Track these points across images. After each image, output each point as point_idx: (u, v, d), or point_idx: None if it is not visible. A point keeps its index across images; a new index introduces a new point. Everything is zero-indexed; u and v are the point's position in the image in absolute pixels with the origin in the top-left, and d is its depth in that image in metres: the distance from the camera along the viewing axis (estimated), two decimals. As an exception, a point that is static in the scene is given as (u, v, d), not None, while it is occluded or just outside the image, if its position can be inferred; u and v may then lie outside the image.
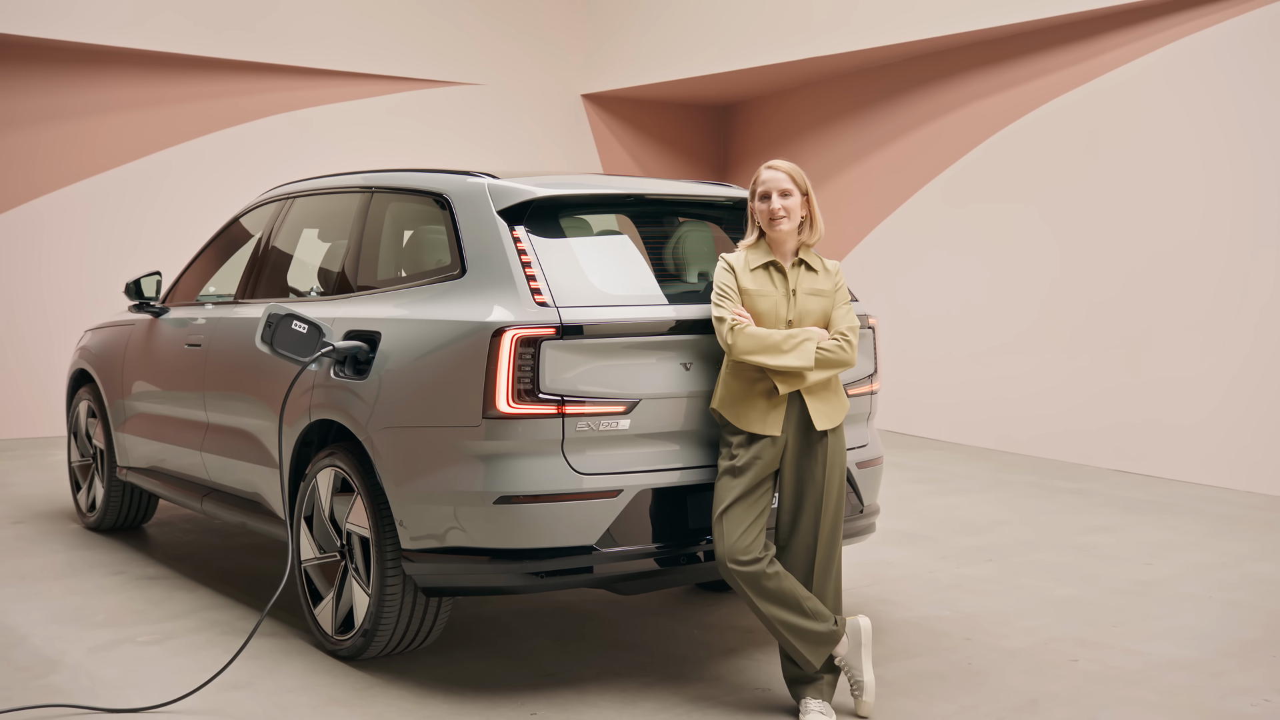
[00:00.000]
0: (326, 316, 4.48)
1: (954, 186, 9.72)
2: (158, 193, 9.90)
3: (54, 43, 9.21)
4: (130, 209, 9.83)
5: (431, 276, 4.21)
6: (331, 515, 4.35)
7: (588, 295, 3.91)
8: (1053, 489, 7.64)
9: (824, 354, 3.79)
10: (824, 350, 3.80)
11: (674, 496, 3.95)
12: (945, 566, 5.66)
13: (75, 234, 9.66)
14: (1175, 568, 5.64)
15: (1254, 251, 7.63)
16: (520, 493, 3.76)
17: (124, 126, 9.80)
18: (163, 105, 9.92)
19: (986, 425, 9.38)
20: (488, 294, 3.91)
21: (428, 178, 4.44)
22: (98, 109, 9.69)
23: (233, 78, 10.16)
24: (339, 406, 4.27)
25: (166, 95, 9.93)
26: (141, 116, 9.86)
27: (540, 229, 4.04)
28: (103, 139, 9.71)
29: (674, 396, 3.93)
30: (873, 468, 4.50)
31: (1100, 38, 8.58)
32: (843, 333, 3.86)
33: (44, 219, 9.57)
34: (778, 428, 3.82)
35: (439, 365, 3.94)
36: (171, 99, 9.94)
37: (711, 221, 4.62)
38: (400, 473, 3.99)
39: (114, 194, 9.78)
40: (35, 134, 9.49)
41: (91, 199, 9.71)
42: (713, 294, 3.89)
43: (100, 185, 9.74)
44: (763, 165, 3.95)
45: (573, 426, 3.78)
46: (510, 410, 3.73)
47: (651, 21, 11.27)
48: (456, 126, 11.11)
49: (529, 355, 3.74)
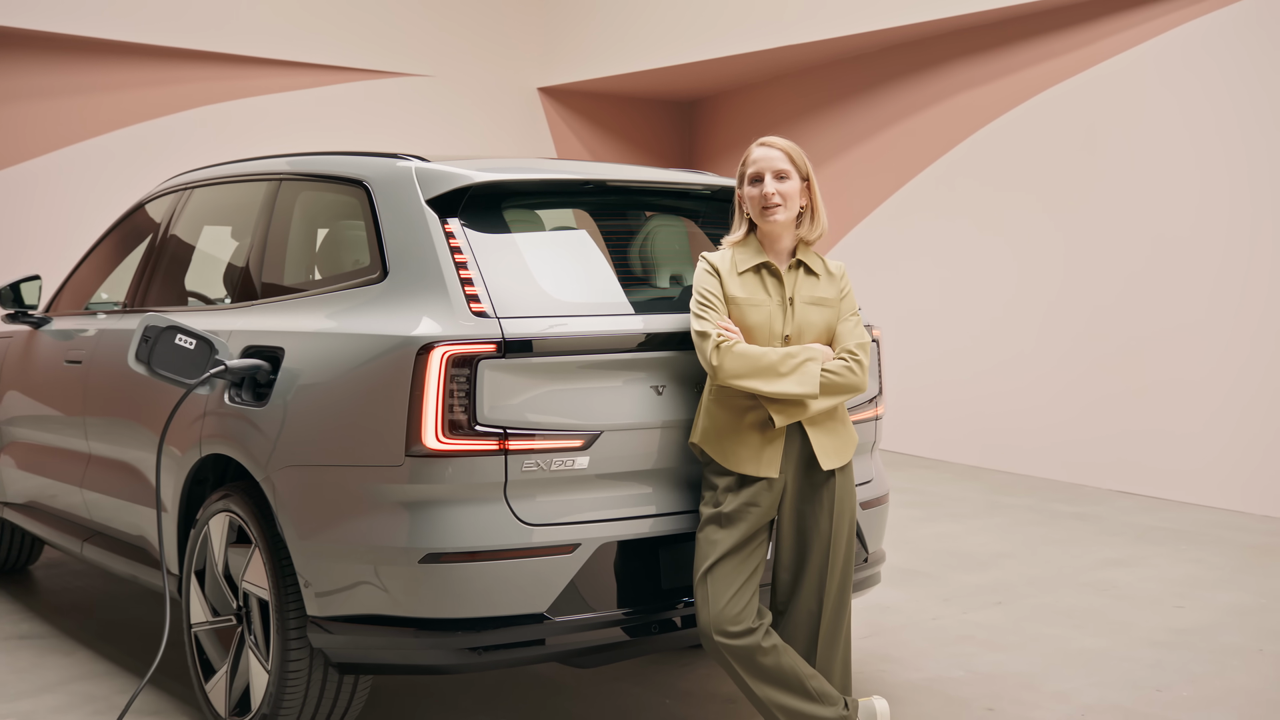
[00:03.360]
0: (222, 329, 3.71)
1: (937, 184, 9.06)
2: (66, 191, 9.01)
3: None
4: (37, 208, 8.93)
5: (347, 281, 3.45)
6: (226, 570, 3.58)
7: (537, 303, 3.17)
8: (1054, 514, 6.97)
9: (830, 378, 3.08)
10: (830, 373, 3.08)
11: (644, 550, 3.22)
12: (950, 612, 4.95)
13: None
14: (1210, 611, 4.97)
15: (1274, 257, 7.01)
16: (453, 549, 3.01)
17: (31, 117, 8.90)
18: (74, 95, 9.03)
19: (975, 441, 8.70)
20: (413, 302, 3.16)
21: (344, 162, 3.68)
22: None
23: (153, 65, 9.29)
24: (234, 439, 3.50)
25: (79, 84, 9.03)
26: (50, 107, 8.95)
27: (479, 222, 3.29)
28: (4, 131, 8.82)
29: (644, 427, 3.20)
30: (878, 508, 3.78)
31: (1095, 24, 7.94)
32: (851, 351, 3.15)
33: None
34: (774, 468, 3.09)
35: (353, 390, 3.18)
36: (84, 88, 9.05)
37: (686, 215, 3.88)
38: (306, 522, 3.23)
39: (18, 191, 8.89)
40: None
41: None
42: (692, 302, 3.17)
43: (2, 181, 8.86)
44: (754, 143, 3.22)
45: (518, 466, 3.04)
46: (440, 446, 2.99)
47: (614, 9, 10.55)
48: (401, 121, 10.31)
49: (463, 378, 3.00)
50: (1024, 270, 8.41)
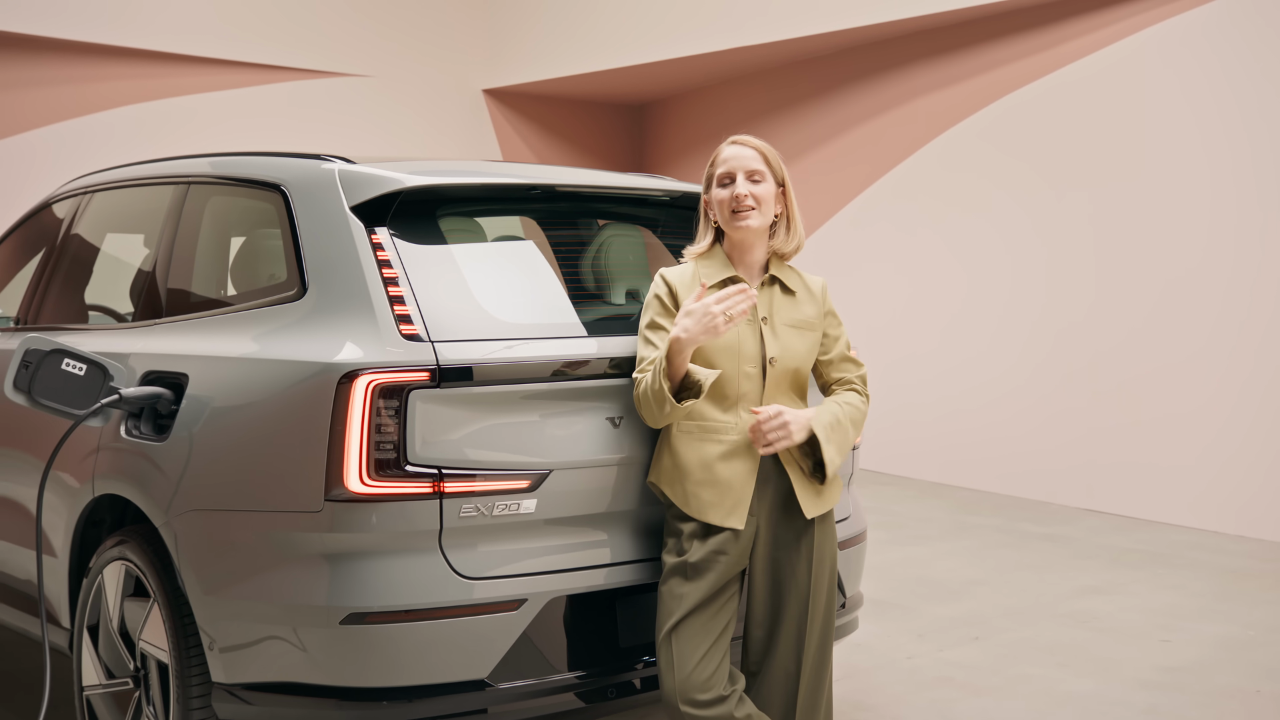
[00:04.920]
0: (121, 351, 3.28)
1: (898, 189, 8.76)
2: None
3: None
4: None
5: (261, 298, 3.04)
6: (123, 627, 3.15)
7: (477, 324, 2.79)
8: (1022, 535, 6.68)
9: (846, 428, 2.80)
10: (841, 424, 2.79)
11: (599, 605, 2.85)
12: (925, 650, 4.62)
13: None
14: (1199, 645, 4.68)
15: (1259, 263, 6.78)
16: (379, 607, 2.62)
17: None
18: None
19: (935, 457, 8.41)
20: (335, 323, 2.76)
21: (259, 163, 3.27)
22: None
23: (73, 61, 8.75)
24: (130, 477, 3.08)
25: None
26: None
27: (412, 233, 2.89)
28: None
29: (598, 465, 2.83)
30: (856, 547, 3.43)
31: (1066, 23, 7.68)
32: (855, 386, 2.86)
33: None
34: (742, 518, 2.73)
35: (265, 425, 2.78)
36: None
37: (643, 224, 3.51)
38: (211, 575, 2.82)
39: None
40: None
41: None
42: (641, 324, 2.81)
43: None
44: (725, 141, 2.86)
45: (455, 511, 2.65)
46: (365, 489, 2.60)
47: (563, 7, 10.16)
48: (336, 124, 9.83)
49: (392, 410, 2.61)
50: (984, 278, 8.13)
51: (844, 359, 2.98)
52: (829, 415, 2.77)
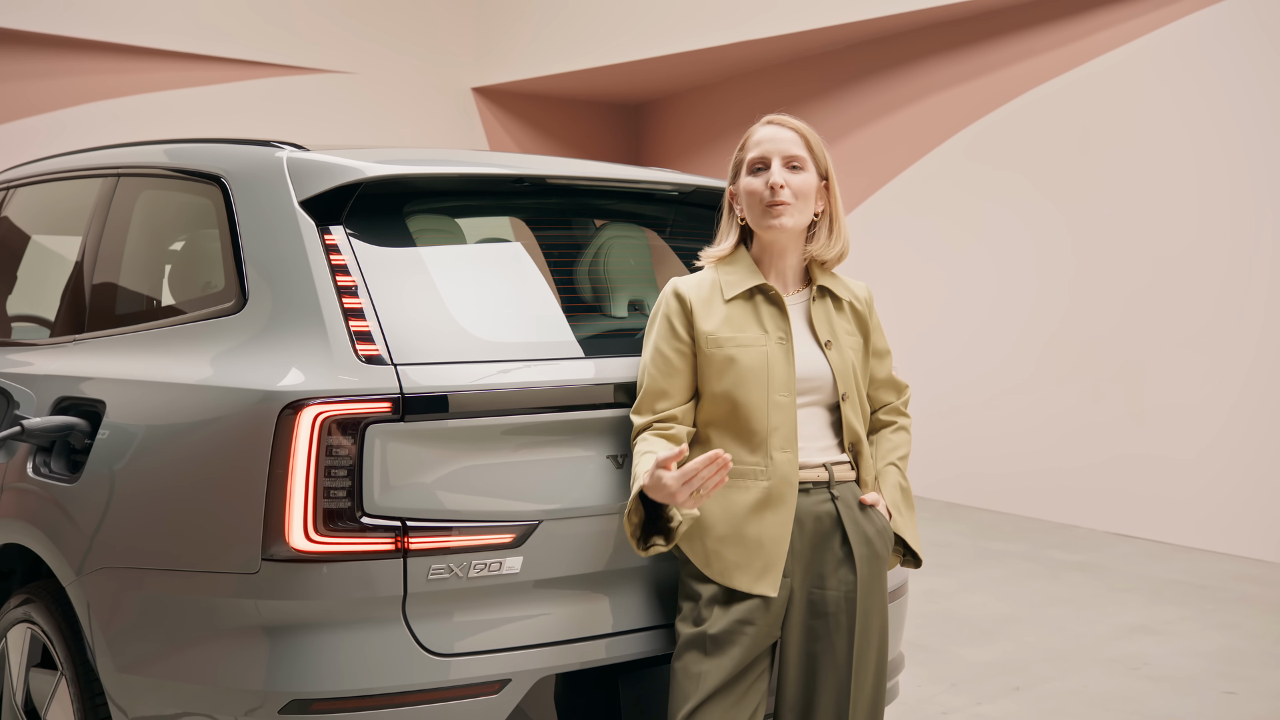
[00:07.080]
0: (33, 373, 2.79)
1: (910, 191, 8.29)
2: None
3: None
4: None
5: (194, 310, 2.54)
6: (28, 702, 2.65)
7: (451, 344, 2.29)
8: (1052, 563, 6.19)
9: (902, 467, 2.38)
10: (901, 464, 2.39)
11: (599, 684, 2.35)
12: (962, 703, 4.13)
13: None
14: (1267, 699, 4.19)
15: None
16: (329, 693, 2.13)
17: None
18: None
19: (953, 476, 7.92)
20: (279, 341, 2.27)
21: (198, 151, 2.78)
22: None
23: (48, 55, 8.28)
24: (38, 524, 2.58)
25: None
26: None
27: (374, 233, 2.40)
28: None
29: (597, 514, 2.34)
30: (897, 601, 2.93)
31: (1087, 17, 7.22)
32: (899, 417, 2.42)
33: None
34: (775, 582, 2.24)
35: (192, 465, 2.28)
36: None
37: (648, 224, 3.02)
38: (126, 647, 2.32)
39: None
40: None
41: None
42: (645, 346, 2.34)
43: None
44: (759, 122, 2.38)
45: (423, 572, 2.16)
46: (312, 546, 2.11)
47: (555, 2, 9.68)
48: (318, 121, 9.34)
49: (345, 450, 2.12)
50: (1012, 290, 7.66)
51: (889, 382, 2.51)
52: (895, 489, 2.38)
